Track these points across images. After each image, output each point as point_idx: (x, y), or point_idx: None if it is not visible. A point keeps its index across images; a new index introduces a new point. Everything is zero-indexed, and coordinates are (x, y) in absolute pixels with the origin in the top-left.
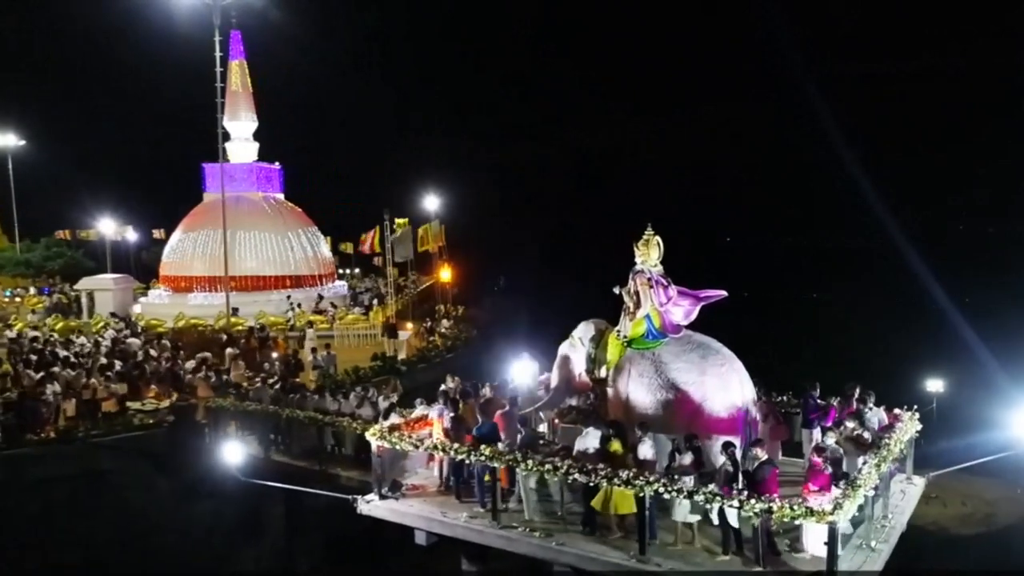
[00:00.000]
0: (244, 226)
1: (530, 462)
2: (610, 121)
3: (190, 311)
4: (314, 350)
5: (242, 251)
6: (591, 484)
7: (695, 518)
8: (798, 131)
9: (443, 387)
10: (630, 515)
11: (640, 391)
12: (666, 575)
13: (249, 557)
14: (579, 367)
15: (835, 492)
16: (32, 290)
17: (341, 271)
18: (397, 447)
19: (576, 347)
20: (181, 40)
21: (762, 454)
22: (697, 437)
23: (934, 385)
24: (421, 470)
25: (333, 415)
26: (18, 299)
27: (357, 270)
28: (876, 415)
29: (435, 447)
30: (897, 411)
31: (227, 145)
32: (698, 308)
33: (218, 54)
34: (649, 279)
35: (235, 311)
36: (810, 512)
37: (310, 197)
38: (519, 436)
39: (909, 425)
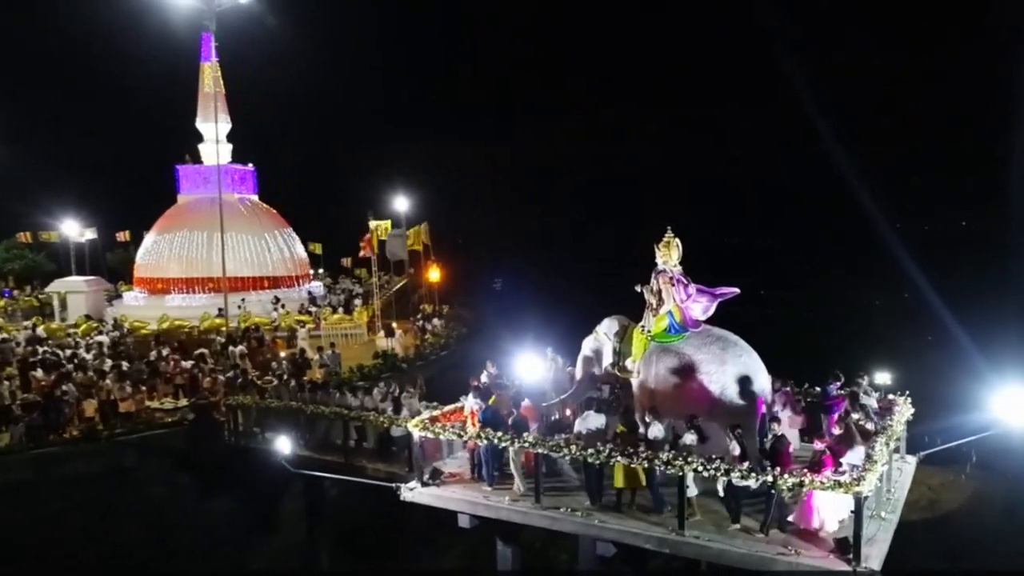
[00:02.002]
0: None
1: (573, 447)
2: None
3: (169, 313)
4: (320, 349)
5: (219, 253)
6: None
7: (695, 492)
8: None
9: (483, 377)
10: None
11: (665, 381)
12: (708, 547)
13: (284, 547)
14: (604, 360)
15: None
16: None
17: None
18: (440, 437)
19: (601, 341)
20: (147, 42)
21: (779, 429)
22: (697, 418)
23: (882, 378)
24: (450, 459)
25: (358, 411)
26: None
27: (321, 270)
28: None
29: (478, 435)
30: (891, 396)
31: (200, 146)
32: (715, 304)
33: (214, 60)
34: (671, 278)
35: (220, 312)
36: (838, 484)
37: (280, 197)
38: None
39: (904, 409)
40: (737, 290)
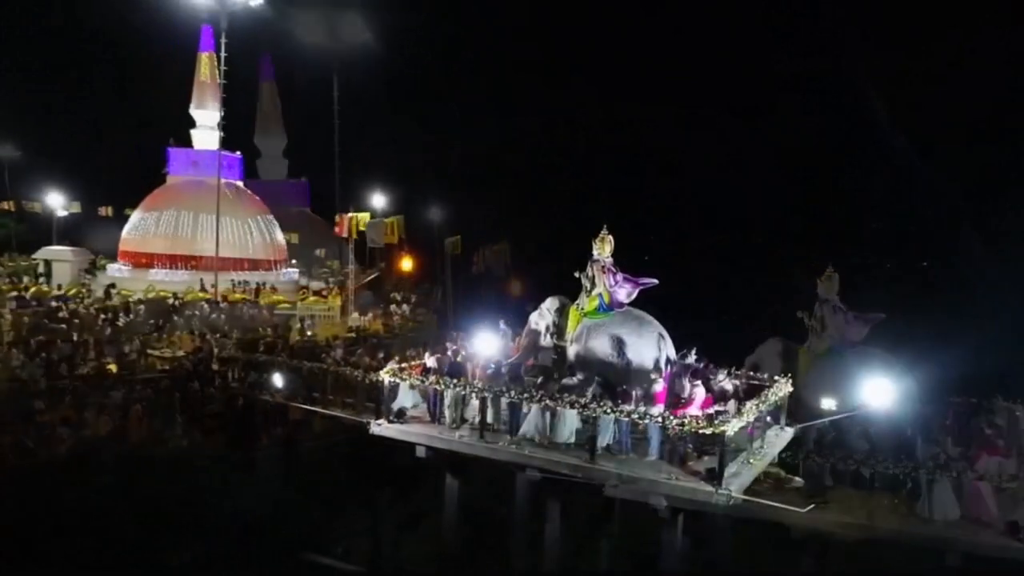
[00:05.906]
0: (206, 209)
1: (513, 392)
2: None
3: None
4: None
5: (204, 233)
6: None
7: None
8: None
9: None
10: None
11: (594, 350)
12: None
13: None
14: (545, 332)
15: None
16: None
17: None
18: (407, 383)
19: (544, 316)
20: (144, 31)
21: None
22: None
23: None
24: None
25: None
26: None
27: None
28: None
29: (440, 383)
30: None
31: (192, 132)
32: (637, 290)
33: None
34: (603, 267)
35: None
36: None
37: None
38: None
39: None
40: (656, 281)
